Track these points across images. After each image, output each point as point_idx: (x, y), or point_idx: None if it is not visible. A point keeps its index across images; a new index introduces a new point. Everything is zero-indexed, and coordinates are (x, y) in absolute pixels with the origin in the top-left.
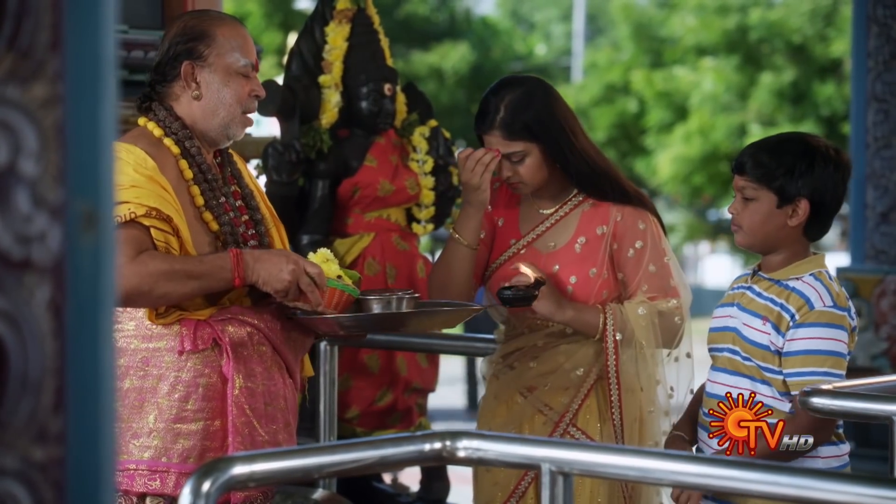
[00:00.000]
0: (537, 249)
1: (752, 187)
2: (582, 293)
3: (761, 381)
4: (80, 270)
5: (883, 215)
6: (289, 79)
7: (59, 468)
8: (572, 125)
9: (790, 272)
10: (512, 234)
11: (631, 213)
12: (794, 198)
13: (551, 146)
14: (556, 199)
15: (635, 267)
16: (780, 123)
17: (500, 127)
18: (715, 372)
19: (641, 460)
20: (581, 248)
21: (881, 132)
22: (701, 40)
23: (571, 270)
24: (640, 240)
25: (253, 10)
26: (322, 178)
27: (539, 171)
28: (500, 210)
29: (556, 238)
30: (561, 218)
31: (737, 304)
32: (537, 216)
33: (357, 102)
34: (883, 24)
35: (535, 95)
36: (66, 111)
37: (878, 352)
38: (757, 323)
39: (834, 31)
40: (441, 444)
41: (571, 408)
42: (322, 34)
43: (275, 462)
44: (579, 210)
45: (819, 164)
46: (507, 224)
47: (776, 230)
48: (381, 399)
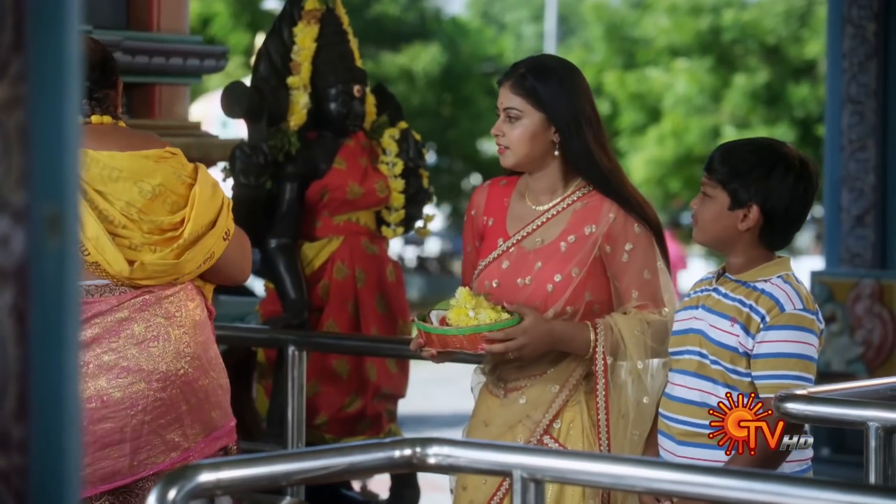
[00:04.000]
0: (524, 247)
1: (710, 185)
2: (562, 292)
3: (723, 385)
4: (45, 275)
5: (858, 218)
6: (256, 80)
7: (22, 477)
8: (589, 117)
9: (757, 274)
10: (499, 234)
11: (626, 214)
12: (745, 202)
13: (559, 124)
14: (551, 195)
15: (627, 271)
16: (753, 126)
17: (512, 78)
18: (677, 374)
19: (614, 467)
20: (567, 246)
21: (856, 134)
22: (674, 41)
23: (555, 268)
24: (631, 242)
25: (220, 10)
26: (290, 181)
27: (529, 143)
28: (490, 209)
29: (545, 235)
30: (553, 216)
31: (702, 305)
32: (529, 213)
33: (326, 104)
34: (858, 25)
35: (560, 71)
36: (29, 113)
37: (853, 356)
38: (724, 324)
39: (808, 32)
40: (411, 451)
41: (542, 422)
42: (290, 35)
43: (242, 469)
44: (571, 209)
45: (778, 173)
46: (495, 224)
47: (725, 231)
48: (350, 405)
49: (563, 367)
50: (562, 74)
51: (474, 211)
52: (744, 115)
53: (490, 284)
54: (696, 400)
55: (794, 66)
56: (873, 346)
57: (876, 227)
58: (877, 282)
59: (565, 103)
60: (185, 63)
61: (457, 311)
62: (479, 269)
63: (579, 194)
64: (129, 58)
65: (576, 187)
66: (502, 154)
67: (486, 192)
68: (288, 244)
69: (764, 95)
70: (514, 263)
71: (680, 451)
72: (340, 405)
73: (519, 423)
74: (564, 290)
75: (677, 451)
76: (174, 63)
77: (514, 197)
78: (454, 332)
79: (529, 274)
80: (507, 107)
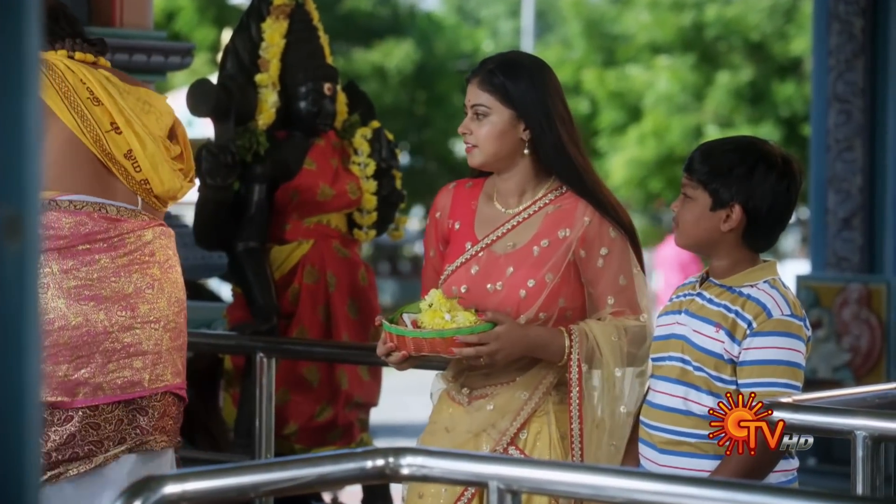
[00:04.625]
0: (494, 252)
1: (691, 186)
2: (536, 298)
3: (707, 392)
4: (3, 279)
5: (845, 221)
6: (223, 77)
7: None
8: (562, 114)
9: (743, 279)
10: (467, 238)
11: (601, 218)
12: (727, 203)
13: (529, 120)
14: (520, 196)
15: (602, 276)
16: (737, 125)
17: (480, 74)
18: (659, 381)
19: (593, 477)
20: (540, 251)
21: (843, 134)
22: (655, 38)
23: (528, 274)
24: (606, 247)
25: (185, 4)
26: (259, 182)
27: (497, 141)
28: (456, 212)
29: (516, 239)
30: (524, 220)
31: (685, 310)
32: (498, 216)
33: (295, 102)
34: (845, 21)
35: (531, 68)
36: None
37: (839, 363)
38: (709, 330)
39: (794, 29)
40: (384, 461)
41: (509, 431)
42: (258, 31)
43: (208, 481)
44: (543, 212)
45: (760, 171)
46: (463, 227)
47: (708, 233)
48: (321, 414)
49: (533, 375)
50: (532, 71)
51: (439, 213)
52: (727, 114)
53: (458, 290)
54: (678, 407)
55: (780, 63)
56: (861, 352)
57: (863, 229)
58: (864, 286)
59: (536, 99)
60: (148, 60)
61: (431, 314)
62: (447, 273)
63: (552, 196)
64: None
65: (547, 189)
66: (470, 153)
67: (452, 195)
68: (256, 248)
69: (748, 94)
70: (484, 268)
71: (662, 459)
72: (311, 414)
73: (483, 431)
74: (538, 296)
75: (659, 460)
76: (137, 60)
77: (482, 199)
78: (432, 334)
79: (501, 279)
80: (474, 104)
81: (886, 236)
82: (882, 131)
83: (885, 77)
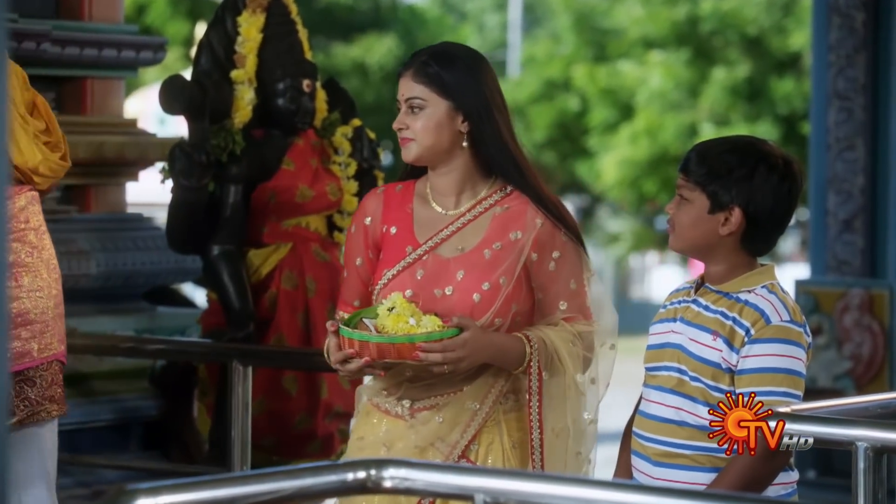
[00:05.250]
0: (440, 255)
1: (688, 187)
2: (491, 303)
3: (703, 403)
4: None
5: (846, 223)
6: (197, 74)
7: None
8: (500, 106)
9: (740, 284)
10: (407, 242)
11: (554, 220)
12: (726, 205)
13: (468, 111)
14: (457, 195)
15: (554, 280)
16: (733, 123)
17: (413, 66)
18: (653, 391)
19: (584, 490)
20: (492, 254)
21: (843, 132)
22: (648, 32)
23: (480, 277)
24: (558, 250)
25: None
26: (234, 183)
27: (433, 134)
28: (390, 217)
29: (465, 242)
30: (470, 221)
31: (680, 318)
32: (439, 219)
33: (273, 100)
34: (846, 15)
35: (466, 58)
36: None
37: (840, 372)
38: (706, 338)
39: (793, 23)
40: (365, 474)
41: (460, 444)
42: (234, 24)
43: (182, 494)
44: (490, 214)
45: (761, 172)
46: (400, 232)
47: (706, 237)
48: (300, 424)
49: (481, 383)
50: (467, 61)
51: (369, 219)
52: (723, 112)
53: (402, 294)
54: (673, 418)
55: (778, 59)
56: (862, 360)
57: (865, 232)
58: (866, 291)
59: (473, 90)
60: (119, 55)
61: (395, 319)
62: (386, 278)
63: (497, 197)
64: (59, 49)
65: (490, 189)
66: (406, 146)
67: (382, 199)
68: (232, 251)
69: (745, 90)
70: (431, 272)
71: (657, 472)
72: (289, 424)
73: (431, 445)
74: (493, 301)
75: (654, 473)
76: (107, 55)
77: (417, 202)
78: (402, 339)
79: (451, 283)
80: (409, 97)
81: (889, 239)
82: (884, 129)
83: (887, 73)
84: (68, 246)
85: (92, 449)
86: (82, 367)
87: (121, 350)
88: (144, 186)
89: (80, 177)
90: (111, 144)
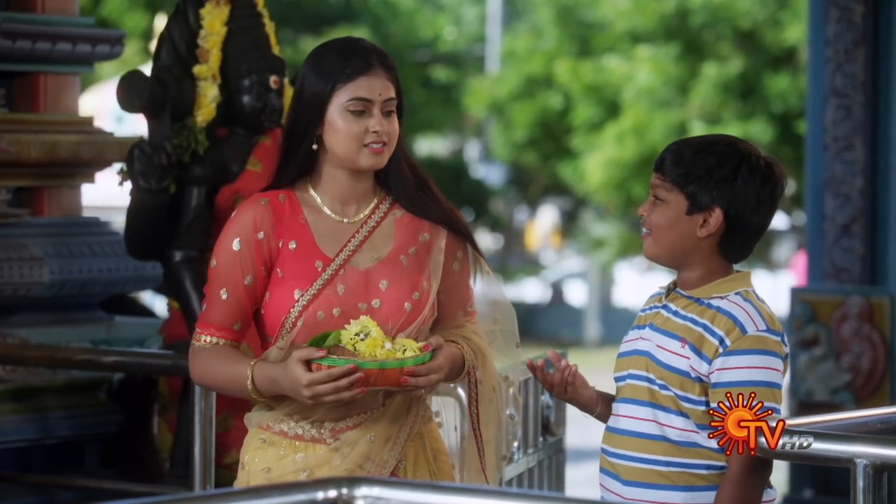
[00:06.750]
0: (356, 267)
1: (665, 188)
2: (420, 310)
3: (676, 413)
4: None
5: (844, 227)
6: (158, 69)
7: None
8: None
9: (712, 290)
10: (314, 257)
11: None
12: (706, 206)
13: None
14: (359, 203)
15: (459, 281)
16: (725, 121)
17: (383, 61)
18: (622, 404)
19: None
20: (408, 259)
21: (841, 132)
22: (635, 26)
23: (408, 286)
24: (461, 250)
25: None
26: (197, 185)
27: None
28: (284, 230)
29: (377, 250)
30: (375, 227)
31: (650, 324)
32: (342, 228)
33: (238, 97)
34: (844, 8)
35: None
36: None
37: (838, 385)
38: (674, 345)
39: (788, 16)
40: (336, 492)
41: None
42: (196, 17)
43: None
44: (391, 217)
45: (742, 173)
46: (301, 246)
47: (683, 240)
48: None
49: (403, 396)
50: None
51: (262, 234)
52: (714, 110)
53: (329, 314)
54: (647, 432)
55: (772, 53)
56: (862, 372)
57: (864, 237)
58: (865, 300)
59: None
60: (74, 49)
61: (371, 344)
62: (306, 299)
63: (392, 200)
64: (10, 43)
65: (384, 194)
66: (380, 154)
67: (272, 212)
68: (195, 257)
69: (737, 87)
70: (352, 287)
71: (627, 492)
72: None
73: (359, 467)
74: (422, 307)
75: (624, 494)
76: (61, 49)
77: (308, 212)
78: (394, 364)
79: (377, 296)
80: (388, 98)
81: (890, 244)
82: (885, 129)
83: (888, 69)
84: (20, 252)
85: (45, 468)
86: (35, 380)
87: (76, 363)
88: (101, 188)
89: (33, 178)
90: (66, 144)
